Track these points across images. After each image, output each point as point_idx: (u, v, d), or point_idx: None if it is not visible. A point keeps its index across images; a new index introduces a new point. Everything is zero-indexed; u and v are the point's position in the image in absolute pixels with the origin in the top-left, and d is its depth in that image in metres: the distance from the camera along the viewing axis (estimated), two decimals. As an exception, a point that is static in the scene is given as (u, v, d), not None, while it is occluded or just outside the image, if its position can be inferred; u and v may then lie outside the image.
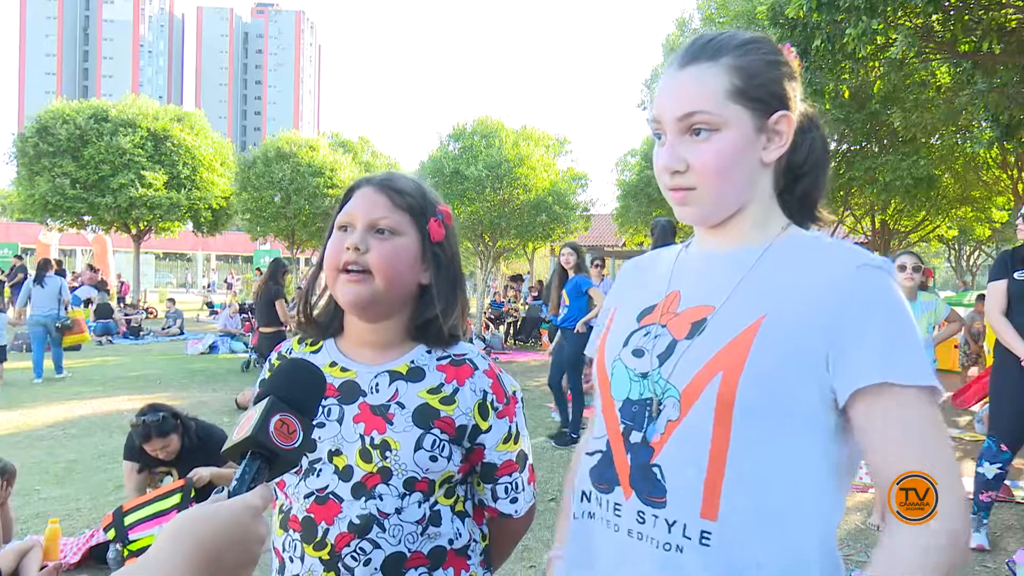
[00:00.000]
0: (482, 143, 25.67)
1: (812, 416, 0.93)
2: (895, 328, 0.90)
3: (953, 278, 37.10)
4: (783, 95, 1.00)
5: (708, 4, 15.71)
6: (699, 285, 1.04)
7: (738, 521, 0.91)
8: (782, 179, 1.05)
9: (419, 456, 1.12)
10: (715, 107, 0.96)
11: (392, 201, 1.17)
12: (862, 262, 0.94)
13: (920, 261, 4.31)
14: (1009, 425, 3.86)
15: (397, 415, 1.15)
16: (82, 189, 21.03)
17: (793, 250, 1.00)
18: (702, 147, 0.97)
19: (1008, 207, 16.36)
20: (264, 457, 0.80)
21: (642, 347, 1.03)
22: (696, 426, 0.94)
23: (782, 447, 0.92)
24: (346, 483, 1.13)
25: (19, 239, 34.90)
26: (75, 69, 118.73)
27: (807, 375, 0.91)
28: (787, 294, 0.95)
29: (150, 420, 3.74)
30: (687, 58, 1.00)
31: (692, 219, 1.04)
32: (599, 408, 1.08)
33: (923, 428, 0.88)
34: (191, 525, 0.68)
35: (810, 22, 7.59)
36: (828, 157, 1.11)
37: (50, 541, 3.57)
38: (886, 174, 13.31)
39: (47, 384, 9.19)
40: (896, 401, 0.88)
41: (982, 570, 3.70)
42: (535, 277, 25.90)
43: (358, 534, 1.11)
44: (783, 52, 1.03)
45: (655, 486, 0.96)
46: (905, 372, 0.88)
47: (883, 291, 0.92)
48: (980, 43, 7.43)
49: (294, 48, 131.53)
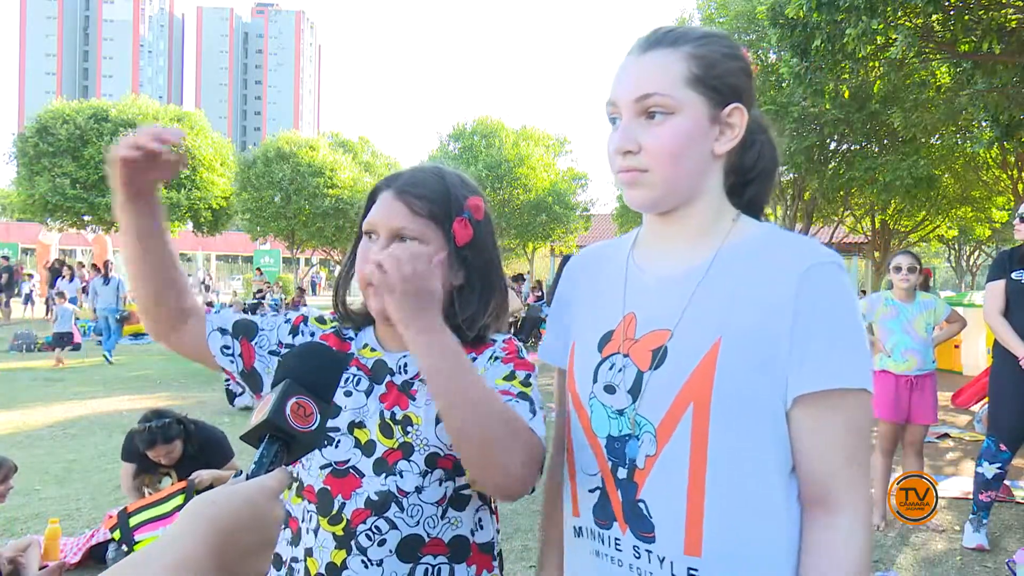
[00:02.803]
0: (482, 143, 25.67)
1: (778, 437, 0.96)
2: (836, 334, 0.94)
3: (953, 278, 37.10)
4: (738, 88, 1.01)
5: (708, 4, 15.71)
6: (653, 304, 1.04)
7: (722, 557, 0.94)
8: (732, 178, 1.06)
9: (440, 430, 1.11)
10: (672, 91, 0.97)
11: (411, 209, 1.12)
12: (809, 264, 0.95)
13: (917, 261, 4.30)
14: (1008, 425, 3.86)
15: (420, 390, 1.14)
16: (82, 189, 21.06)
17: (742, 255, 1.01)
18: (656, 130, 0.97)
19: (1008, 207, 16.35)
20: (282, 440, 0.80)
21: (612, 383, 1.03)
22: (673, 460, 0.96)
23: (759, 475, 0.95)
24: (368, 458, 1.11)
25: (19, 239, 34.91)
26: (75, 69, 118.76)
27: (773, 394, 0.95)
28: (738, 310, 0.96)
29: (155, 426, 3.71)
30: (648, 44, 1.01)
31: (642, 203, 1.02)
32: (585, 443, 1.08)
33: (847, 432, 0.95)
34: (208, 507, 0.68)
35: (810, 22, 7.60)
36: (776, 164, 1.12)
37: (50, 541, 3.57)
38: (886, 174, 13.31)
39: (47, 384, 9.19)
40: (830, 405, 0.94)
41: (982, 570, 3.70)
42: (535, 277, 25.90)
43: (375, 511, 1.09)
44: (740, 50, 1.05)
45: (644, 522, 0.98)
46: (842, 377, 0.93)
47: (826, 293, 0.95)
48: (980, 43, 7.43)
49: (294, 48, 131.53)
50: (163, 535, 0.66)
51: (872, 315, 4.34)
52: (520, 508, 4.42)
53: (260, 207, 24.30)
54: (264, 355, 1.22)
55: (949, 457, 6.13)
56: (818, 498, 0.95)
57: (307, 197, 23.99)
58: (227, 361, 1.20)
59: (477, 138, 26.04)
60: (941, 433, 6.80)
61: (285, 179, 23.84)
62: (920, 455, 4.30)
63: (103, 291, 11.80)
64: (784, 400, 0.95)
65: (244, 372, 1.22)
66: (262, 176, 23.96)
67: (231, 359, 1.20)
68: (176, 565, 0.62)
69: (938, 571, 3.68)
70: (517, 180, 25.19)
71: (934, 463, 5.74)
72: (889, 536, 4.08)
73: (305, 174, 23.85)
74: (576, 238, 27.78)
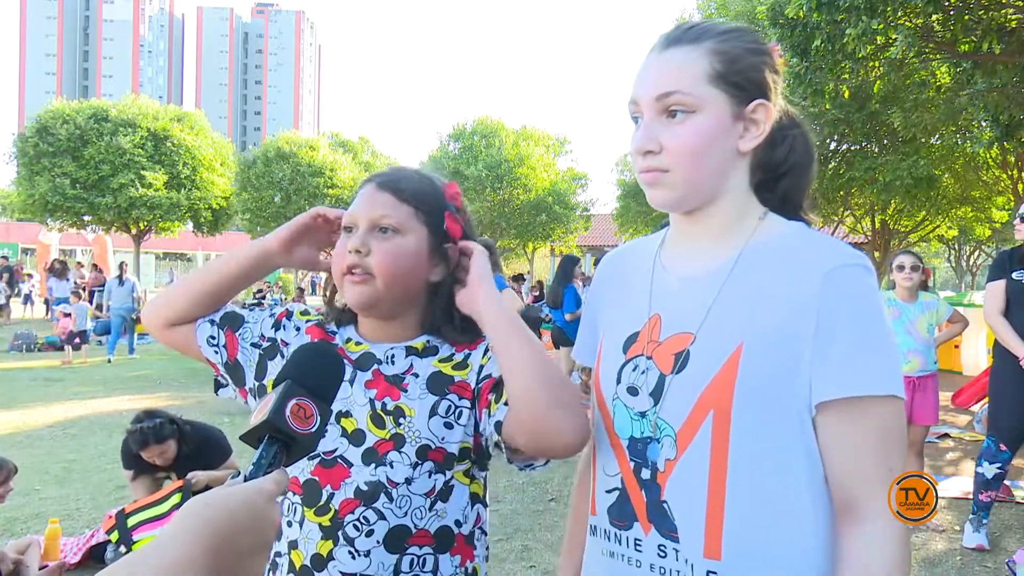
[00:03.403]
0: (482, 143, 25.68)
1: (804, 443, 0.94)
2: (860, 337, 0.91)
3: (953, 278, 37.11)
4: (763, 84, 0.99)
5: (708, 4, 15.70)
6: (677, 307, 1.03)
7: (742, 561, 0.93)
8: (760, 174, 1.04)
9: (434, 423, 1.11)
10: (693, 88, 0.95)
11: (396, 198, 1.14)
12: (834, 264, 0.93)
13: (919, 260, 4.30)
14: (1008, 425, 3.86)
15: (411, 384, 1.14)
16: (82, 189, 21.06)
17: (766, 256, 0.99)
18: (677, 129, 0.96)
19: (1008, 207, 16.35)
20: (281, 442, 0.79)
21: (635, 384, 1.03)
22: (693, 464, 0.95)
23: (780, 480, 0.94)
24: (357, 448, 1.12)
25: (19, 239, 34.92)
26: (75, 69, 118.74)
27: (796, 400, 0.93)
28: (762, 314, 0.95)
29: (147, 427, 3.70)
30: (669, 41, 1.00)
31: (663, 203, 1.01)
32: (607, 443, 1.08)
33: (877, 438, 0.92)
34: (204, 509, 0.68)
35: (810, 22, 7.59)
36: (812, 158, 1.09)
37: (50, 541, 3.57)
38: (886, 174, 13.30)
39: (47, 384, 9.20)
40: (856, 413, 0.91)
41: (982, 570, 3.70)
42: (535, 277, 25.90)
43: (364, 501, 1.09)
44: (766, 44, 1.02)
45: (668, 521, 0.98)
46: (866, 383, 0.90)
47: (851, 296, 0.92)
48: (980, 43, 7.43)
49: (294, 48, 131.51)
50: (159, 536, 0.66)
51: (872, 315, 4.34)
52: (520, 508, 4.42)
53: (260, 207, 24.31)
54: (246, 347, 1.23)
55: (949, 457, 6.13)
56: (848, 506, 0.93)
57: (307, 197, 23.99)
58: (212, 352, 1.23)
59: (477, 138, 26.04)
60: (941, 433, 6.80)
61: (285, 179, 23.86)
62: (920, 455, 4.31)
63: (117, 292, 12.26)
64: (809, 404, 0.93)
65: (228, 364, 1.23)
66: (262, 176, 23.97)
67: (216, 350, 1.23)
68: (172, 566, 0.62)
69: (938, 571, 3.68)
70: (517, 180, 25.19)
71: (934, 463, 5.74)
72: (889, 536, 4.08)
73: (305, 174, 23.86)
74: (576, 238, 27.80)
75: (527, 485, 4.88)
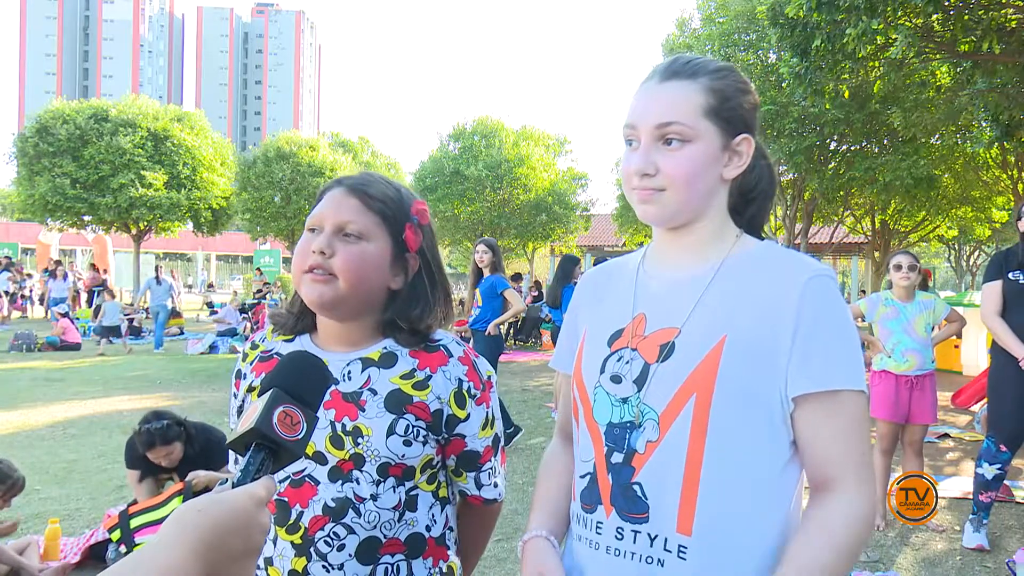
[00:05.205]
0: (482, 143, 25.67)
1: (777, 426, 1.03)
2: (837, 339, 1.02)
3: (953, 278, 37.09)
4: (748, 121, 1.11)
5: (708, 4, 15.68)
6: (662, 306, 1.12)
7: (711, 536, 1.00)
8: (735, 198, 1.16)
9: (392, 442, 1.13)
10: (691, 120, 1.05)
11: (363, 204, 1.16)
12: (809, 275, 1.04)
13: (916, 260, 4.30)
14: (1008, 425, 3.86)
15: (369, 401, 1.15)
16: (82, 189, 21.03)
17: (746, 265, 1.10)
18: (674, 155, 1.06)
19: (1008, 207, 16.36)
20: (268, 449, 0.80)
21: (619, 373, 1.10)
22: (674, 445, 1.03)
23: (751, 461, 1.02)
24: (323, 467, 1.14)
25: (19, 239, 34.90)
26: (75, 69, 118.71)
27: (770, 388, 1.02)
28: (743, 312, 1.04)
29: (154, 428, 3.70)
30: (667, 74, 1.09)
31: (654, 218, 1.10)
32: (584, 430, 1.14)
33: (849, 427, 1.01)
34: (194, 514, 0.68)
35: (810, 22, 7.60)
36: (775, 187, 1.25)
37: (50, 541, 3.58)
38: (886, 174, 13.31)
39: (47, 384, 9.20)
40: (834, 404, 1.01)
41: (982, 570, 3.71)
42: (535, 277, 25.89)
43: (333, 517, 1.11)
44: (750, 84, 1.15)
45: (636, 503, 1.04)
46: (843, 379, 1.01)
47: (826, 303, 1.03)
48: (980, 43, 7.43)
49: (294, 48, 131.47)
50: (149, 542, 0.67)
51: (872, 315, 4.34)
52: (520, 508, 4.42)
53: (260, 207, 24.27)
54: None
55: (949, 457, 6.13)
56: (822, 483, 1.02)
57: (307, 197, 23.94)
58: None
59: (477, 138, 26.02)
60: (941, 433, 6.80)
61: (285, 179, 23.82)
62: (920, 455, 4.31)
63: (156, 290, 13.78)
64: (782, 394, 1.02)
65: None
66: (262, 176, 23.94)
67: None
68: (163, 571, 0.63)
69: (938, 571, 3.68)
70: (517, 180, 25.18)
71: (934, 463, 5.74)
72: (889, 536, 4.08)
73: (305, 174, 23.82)
74: (576, 238, 27.77)
75: (527, 485, 4.88)
